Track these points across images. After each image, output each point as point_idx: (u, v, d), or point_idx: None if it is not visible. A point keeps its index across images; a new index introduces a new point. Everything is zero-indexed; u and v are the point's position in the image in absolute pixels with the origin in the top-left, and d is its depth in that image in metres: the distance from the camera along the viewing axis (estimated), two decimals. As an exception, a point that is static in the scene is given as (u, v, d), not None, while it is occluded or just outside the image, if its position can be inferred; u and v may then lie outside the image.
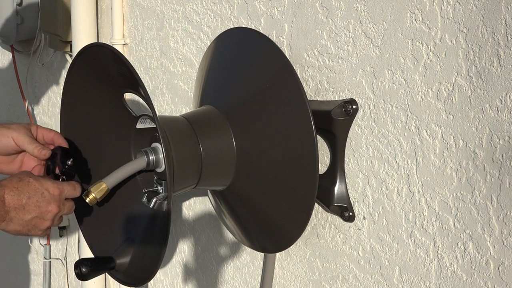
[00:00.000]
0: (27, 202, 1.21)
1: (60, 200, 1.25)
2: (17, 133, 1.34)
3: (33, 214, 1.22)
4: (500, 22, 1.08)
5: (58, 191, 1.25)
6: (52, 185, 1.25)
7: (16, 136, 1.34)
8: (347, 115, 1.34)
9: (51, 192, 1.24)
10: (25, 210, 1.21)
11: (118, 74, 1.36)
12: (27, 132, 1.36)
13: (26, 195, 1.21)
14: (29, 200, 1.21)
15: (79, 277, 1.34)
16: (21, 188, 1.22)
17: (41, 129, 1.39)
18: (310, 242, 1.49)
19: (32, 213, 1.22)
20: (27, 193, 1.21)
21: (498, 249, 1.13)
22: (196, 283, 1.92)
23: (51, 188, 1.24)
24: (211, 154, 1.42)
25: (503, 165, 1.11)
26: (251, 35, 1.48)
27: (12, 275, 3.11)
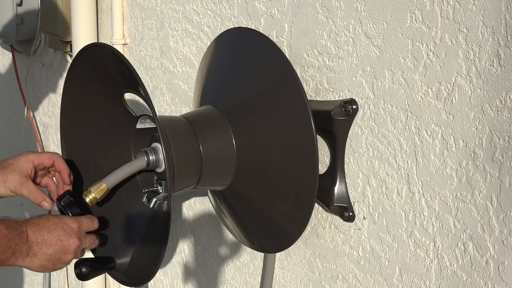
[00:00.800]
0: (48, 237, 1.25)
1: (80, 233, 1.29)
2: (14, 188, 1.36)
3: (56, 248, 1.26)
4: (500, 22, 1.08)
5: (77, 224, 1.29)
6: (71, 219, 1.29)
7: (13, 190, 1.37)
8: (347, 115, 1.33)
9: (71, 226, 1.28)
10: (48, 245, 1.25)
11: (118, 74, 1.36)
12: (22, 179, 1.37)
13: (46, 230, 1.25)
14: (50, 235, 1.25)
15: (79, 277, 1.34)
16: (41, 224, 1.26)
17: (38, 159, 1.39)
18: (310, 242, 1.49)
19: (54, 247, 1.25)
20: (48, 228, 1.25)
21: (498, 249, 1.13)
22: (196, 283, 1.92)
23: (70, 222, 1.28)
24: (211, 154, 1.42)
25: (503, 165, 1.11)
26: (251, 35, 1.48)
27: (12, 275, 3.11)
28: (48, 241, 1.25)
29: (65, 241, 1.26)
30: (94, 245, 1.34)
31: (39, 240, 1.24)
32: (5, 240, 1.19)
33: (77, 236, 1.28)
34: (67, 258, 1.28)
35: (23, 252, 1.22)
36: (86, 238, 1.31)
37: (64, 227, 1.27)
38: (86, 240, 1.31)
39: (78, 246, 1.28)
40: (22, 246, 1.22)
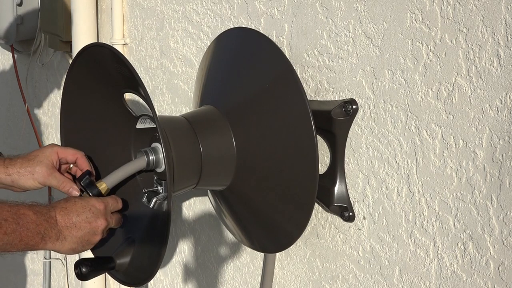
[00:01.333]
0: (77, 220, 1.26)
1: (106, 213, 1.30)
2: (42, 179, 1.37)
3: (85, 230, 1.27)
4: (500, 22, 1.08)
5: (103, 205, 1.30)
6: (97, 201, 1.30)
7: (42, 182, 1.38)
8: (347, 115, 1.33)
9: (97, 207, 1.29)
10: (77, 228, 1.26)
11: (118, 74, 1.36)
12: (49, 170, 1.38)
13: (75, 214, 1.26)
14: (78, 218, 1.26)
15: (79, 277, 1.35)
16: (69, 208, 1.27)
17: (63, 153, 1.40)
18: (310, 242, 1.49)
19: (83, 230, 1.27)
20: (76, 211, 1.27)
21: (498, 249, 1.13)
22: (196, 283, 1.92)
23: (96, 204, 1.29)
24: (211, 154, 1.42)
25: (503, 165, 1.11)
26: (251, 35, 1.48)
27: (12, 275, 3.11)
28: (77, 224, 1.26)
29: (93, 222, 1.27)
30: (119, 223, 1.35)
31: (69, 224, 1.25)
32: (34, 226, 1.20)
33: (104, 217, 1.29)
34: (95, 239, 1.30)
35: (53, 237, 1.23)
36: (112, 217, 1.32)
37: (92, 209, 1.28)
38: (112, 220, 1.32)
39: (106, 227, 1.30)
40: (51, 231, 1.23)
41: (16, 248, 1.20)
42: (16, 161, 1.38)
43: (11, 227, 1.17)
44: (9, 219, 1.17)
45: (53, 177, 1.38)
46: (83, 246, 1.29)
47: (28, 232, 1.19)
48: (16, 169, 1.37)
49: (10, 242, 1.18)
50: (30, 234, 1.20)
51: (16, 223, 1.18)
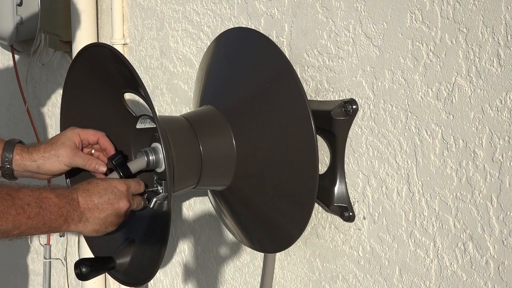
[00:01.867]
0: (99, 201, 1.26)
1: (129, 195, 1.31)
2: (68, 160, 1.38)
3: (107, 212, 1.27)
4: (500, 22, 1.08)
5: (125, 187, 1.30)
6: (119, 182, 1.31)
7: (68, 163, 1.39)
8: (347, 115, 1.33)
9: (120, 189, 1.29)
10: (99, 209, 1.26)
11: (118, 74, 1.36)
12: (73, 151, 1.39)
13: (97, 195, 1.27)
14: (100, 199, 1.27)
15: (79, 277, 1.34)
16: (92, 189, 1.27)
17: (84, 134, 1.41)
18: (310, 242, 1.49)
19: (106, 211, 1.27)
20: (98, 193, 1.27)
21: (498, 249, 1.13)
22: (196, 283, 1.92)
23: (119, 185, 1.30)
24: (211, 154, 1.42)
25: (503, 165, 1.11)
26: (251, 35, 1.48)
27: (12, 275, 3.11)
28: (99, 206, 1.26)
29: (116, 204, 1.28)
30: (141, 205, 1.35)
31: (91, 206, 1.26)
32: (56, 208, 1.21)
33: (127, 198, 1.30)
34: (118, 221, 1.30)
35: (75, 219, 1.24)
36: (134, 199, 1.32)
37: (114, 191, 1.28)
38: (134, 202, 1.32)
39: (128, 208, 1.30)
40: (73, 213, 1.24)
41: (40, 231, 1.20)
42: (39, 147, 1.39)
43: (34, 211, 1.18)
44: (32, 204, 1.18)
45: (78, 156, 1.39)
46: (106, 227, 1.29)
47: (51, 215, 1.20)
48: (40, 154, 1.37)
49: (34, 226, 1.18)
50: (53, 217, 1.20)
51: (39, 207, 1.18)
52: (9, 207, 1.14)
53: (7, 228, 1.14)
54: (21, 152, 1.38)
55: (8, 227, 1.14)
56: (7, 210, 1.14)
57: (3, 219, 1.13)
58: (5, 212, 1.13)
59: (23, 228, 1.16)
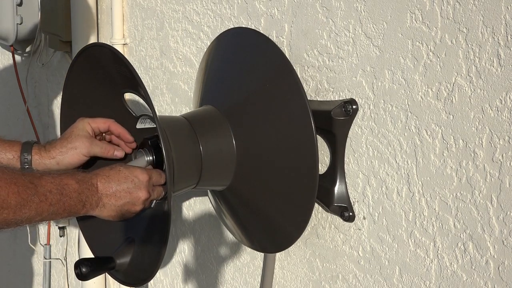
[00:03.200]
0: (117, 189, 1.27)
1: (149, 185, 1.31)
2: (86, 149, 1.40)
3: (125, 200, 1.28)
4: (500, 22, 1.08)
5: (147, 177, 1.31)
6: (141, 172, 1.31)
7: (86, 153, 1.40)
8: (347, 115, 1.33)
9: (141, 178, 1.30)
10: (117, 197, 1.27)
11: (118, 74, 1.36)
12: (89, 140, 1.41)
13: (116, 183, 1.28)
14: (119, 187, 1.28)
15: (79, 277, 1.34)
16: (112, 176, 1.28)
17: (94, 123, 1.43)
18: (310, 242, 1.49)
19: (123, 199, 1.28)
20: (118, 181, 1.28)
21: (498, 249, 1.13)
22: (196, 283, 1.92)
23: (140, 175, 1.30)
24: (211, 154, 1.42)
25: (503, 165, 1.11)
26: (251, 35, 1.48)
27: (12, 275, 3.11)
28: (117, 193, 1.27)
29: (134, 193, 1.28)
30: (161, 196, 1.35)
31: (109, 192, 1.27)
32: (76, 194, 1.22)
33: (146, 189, 1.30)
34: (135, 209, 1.30)
35: (93, 204, 1.25)
36: (154, 190, 1.33)
37: (134, 180, 1.29)
38: (154, 192, 1.33)
39: (147, 198, 1.31)
40: (92, 198, 1.25)
41: (60, 216, 1.22)
42: (55, 143, 1.40)
43: (56, 197, 1.19)
44: (53, 191, 1.19)
45: (95, 145, 1.40)
46: (122, 214, 1.30)
47: (71, 201, 1.21)
48: (57, 150, 1.39)
49: (55, 211, 1.20)
50: (73, 202, 1.22)
51: (60, 194, 1.20)
52: (32, 195, 1.15)
53: (30, 215, 1.16)
54: (39, 151, 1.39)
55: (31, 214, 1.16)
56: (30, 198, 1.15)
57: (27, 207, 1.15)
58: (28, 200, 1.15)
59: (45, 214, 1.18)
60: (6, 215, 1.12)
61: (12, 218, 1.13)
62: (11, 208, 1.12)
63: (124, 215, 1.31)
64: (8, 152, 1.39)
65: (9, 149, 1.39)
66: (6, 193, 1.11)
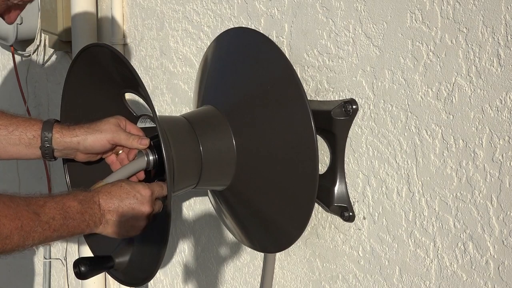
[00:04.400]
0: (120, 205, 1.27)
1: (152, 200, 1.31)
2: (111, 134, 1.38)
3: (128, 215, 1.28)
4: (500, 22, 1.08)
5: (149, 192, 1.30)
6: (143, 187, 1.30)
7: (110, 138, 1.39)
8: (347, 115, 1.33)
9: (143, 193, 1.29)
10: (119, 213, 1.27)
11: (118, 74, 1.36)
12: (118, 129, 1.40)
13: (118, 199, 1.27)
14: (121, 203, 1.27)
15: (78, 276, 1.35)
16: (113, 192, 1.28)
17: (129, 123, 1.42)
18: (310, 242, 1.49)
19: (126, 215, 1.27)
20: (119, 197, 1.27)
21: (498, 249, 1.13)
22: (196, 283, 1.92)
23: (142, 190, 1.30)
24: (211, 154, 1.42)
25: (503, 165, 1.11)
26: (251, 35, 1.48)
27: (12, 275, 3.11)
28: (119, 209, 1.27)
29: (137, 208, 1.28)
30: (161, 209, 1.34)
31: (111, 208, 1.26)
32: (79, 215, 1.23)
33: (150, 204, 1.30)
34: (139, 225, 1.30)
35: (97, 221, 1.25)
36: (156, 204, 1.32)
37: (136, 195, 1.28)
38: (155, 206, 1.32)
39: (150, 213, 1.30)
40: (95, 216, 1.25)
41: (64, 237, 1.23)
42: (82, 124, 1.39)
43: (59, 223, 1.20)
44: (56, 217, 1.20)
45: (121, 132, 1.39)
46: (127, 231, 1.29)
47: (74, 222, 1.22)
48: (83, 129, 1.38)
49: (59, 235, 1.21)
50: (76, 223, 1.22)
51: (63, 218, 1.20)
52: (35, 227, 1.17)
53: (34, 243, 1.18)
54: (61, 129, 1.38)
55: (35, 243, 1.18)
56: (34, 229, 1.16)
57: (30, 238, 1.16)
58: (32, 231, 1.16)
59: (48, 240, 1.20)
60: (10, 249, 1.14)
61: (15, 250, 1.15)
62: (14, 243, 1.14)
63: (129, 232, 1.30)
64: (28, 131, 1.38)
65: (30, 128, 1.38)
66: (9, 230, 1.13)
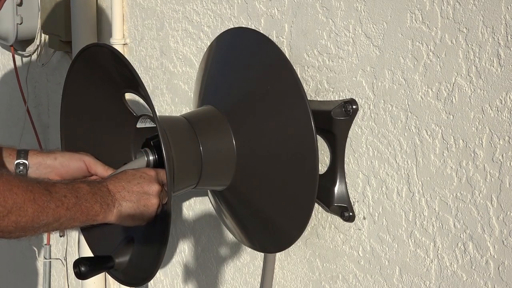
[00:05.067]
0: (128, 185, 1.28)
1: (158, 179, 1.32)
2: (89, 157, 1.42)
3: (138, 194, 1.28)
4: (500, 22, 1.08)
5: (154, 172, 1.33)
6: (148, 169, 1.34)
7: (88, 160, 1.41)
8: (347, 115, 1.33)
9: (148, 173, 1.32)
10: (129, 192, 1.28)
11: (118, 74, 1.36)
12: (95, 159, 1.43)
13: (125, 180, 1.29)
14: (129, 183, 1.29)
15: (78, 276, 1.35)
16: (120, 176, 1.31)
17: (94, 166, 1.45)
18: (310, 242, 1.49)
19: (136, 194, 1.28)
20: (126, 179, 1.30)
21: (498, 249, 1.13)
22: (196, 283, 1.92)
23: (147, 171, 1.32)
24: (211, 154, 1.42)
25: (503, 165, 1.11)
26: (251, 35, 1.48)
27: (12, 275, 3.11)
28: (128, 188, 1.28)
29: (146, 186, 1.29)
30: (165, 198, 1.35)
31: (120, 189, 1.27)
32: (91, 195, 1.23)
33: (156, 181, 1.31)
34: (152, 203, 1.30)
35: (110, 204, 1.25)
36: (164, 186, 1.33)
37: (143, 175, 1.30)
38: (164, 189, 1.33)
39: (159, 190, 1.31)
40: (107, 198, 1.25)
41: (78, 221, 1.22)
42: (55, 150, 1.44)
43: (72, 201, 1.20)
44: (68, 195, 1.20)
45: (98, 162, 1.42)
46: (141, 212, 1.29)
47: (87, 203, 1.22)
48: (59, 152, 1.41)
49: (72, 216, 1.20)
50: (89, 204, 1.22)
51: (75, 197, 1.20)
52: (48, 202, 1.16)
53: (48, 221, 1.17)
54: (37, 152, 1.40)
55: (49, 220, 1.17)
56: (47, 205, 1.16)
57: (44, 214, 1.16)
58: (45, 206, 1.16)
59: (62, 219, 1.19)
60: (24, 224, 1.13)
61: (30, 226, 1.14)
62: (28, 216, 1.13)
63: (144, 213, 1.30)
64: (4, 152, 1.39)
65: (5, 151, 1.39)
66: (22, 200, 1.12)
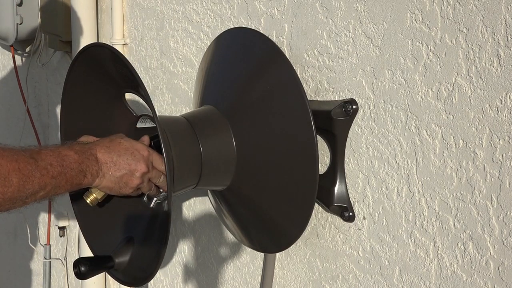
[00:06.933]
0: (117, 160, 1.28)
1: (148, 161, 1.32)
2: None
3: (123, 171, 1.29)
4: (500, 22, 1.08)
5: (147, 152, 1.32)
6: (142, 146, 1.33)
7: None
8: (347, 115, 1.33)
9: (141, 152, 1.31)
10: (116, 167, 1.28)
11: (118, 74, 1.36)
12: None
13: (116, 154, 1.29)
14: (119, 158, 1.29)
15: (78, 276, 1.35)
16: (112, 147, 1.30)
17: None
18: (310, 242, 1.49)
19: (122, 170, 1.29)
20: (118, 152, 1.29)
21: (498, 249, 1.13)
22: (196, 283, 1.92)
23: (140, 149, 1.32)
24: (211, 154, 1.42)
25: (503, 165, 1.11)
26: (251, 35, 1.48)
27: (12, 275, 3.11)
28: (116, 163, 1.28)
29: (133, 165, 1.29)
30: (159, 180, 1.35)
31: (108, 162, 1.28)
32: (76, 165, 1.23)
33: (146, 163, 1.31)
34: (133, 183, 1.31)
35: (94, 174, 1.26)
36: (153, 169, 1.33)
37: (134, 153, 1.30)
38: (153, 172, 1.33)
39: (145, 173, 1.31)
40: (92, 167, 1.26)
41: (63, 189, 1.22)
42: None
43: (57, 170, 1.20)
44: (53, 163, 1.20)
45: None
46: (120, 187, 1.30)
47: (72, 172, 1.22)
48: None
49: (57, 184, 1.20)
50: (74, 173, 1.23)
51: (61, 166, 1.21)
52: (33, 170, 1.16)
53: (34, 190, 1.17)
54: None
55: (35, 189, 1.17)
56: (32, 173, 1.16)
57: (30, 183, 1.16)
58: (30, 175, 1.16)
59: (48, 188, 1.19)
60: (11, 194, 1.13)
61: (17, 196, 1.14)
62: (14, 186, 1.13)
63: (122, 189, 1.30)
64: None
65: None
66: (7, 171, 1.12)
